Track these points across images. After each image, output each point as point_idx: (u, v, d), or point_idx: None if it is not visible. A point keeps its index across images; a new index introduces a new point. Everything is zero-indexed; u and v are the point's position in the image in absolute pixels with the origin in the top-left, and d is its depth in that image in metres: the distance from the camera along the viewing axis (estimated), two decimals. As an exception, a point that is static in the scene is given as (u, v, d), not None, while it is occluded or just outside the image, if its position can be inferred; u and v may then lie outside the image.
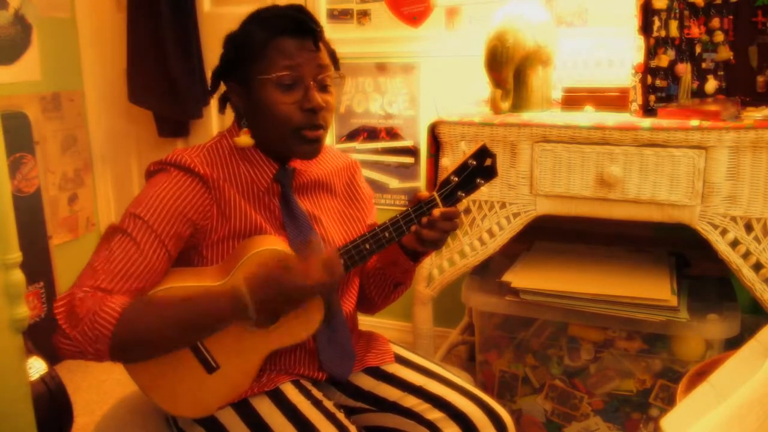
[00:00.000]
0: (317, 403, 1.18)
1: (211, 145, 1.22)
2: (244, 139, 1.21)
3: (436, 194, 1.16)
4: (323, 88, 1.19)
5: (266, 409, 1.17)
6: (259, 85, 1.16)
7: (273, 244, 1.16)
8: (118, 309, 1.04)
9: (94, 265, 1.08)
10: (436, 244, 1.19)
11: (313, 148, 1.20)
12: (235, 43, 1.20)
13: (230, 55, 1.20)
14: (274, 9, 1.20)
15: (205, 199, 1.15)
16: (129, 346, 1.06)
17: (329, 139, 2.55)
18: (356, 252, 1.15)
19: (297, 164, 1.25)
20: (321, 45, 1.19)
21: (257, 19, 1.19)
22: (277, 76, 1.15)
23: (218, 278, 1.14)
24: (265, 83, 1.16)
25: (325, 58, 1.19)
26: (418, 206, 1.16)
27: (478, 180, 1.16)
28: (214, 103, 1.87)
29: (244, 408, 1.17)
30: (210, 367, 1.15)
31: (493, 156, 1.16)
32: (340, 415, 1.18)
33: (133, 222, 1.11)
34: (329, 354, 1.26)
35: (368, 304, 1.40)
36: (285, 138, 1.18)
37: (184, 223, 1.13)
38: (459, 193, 1.16)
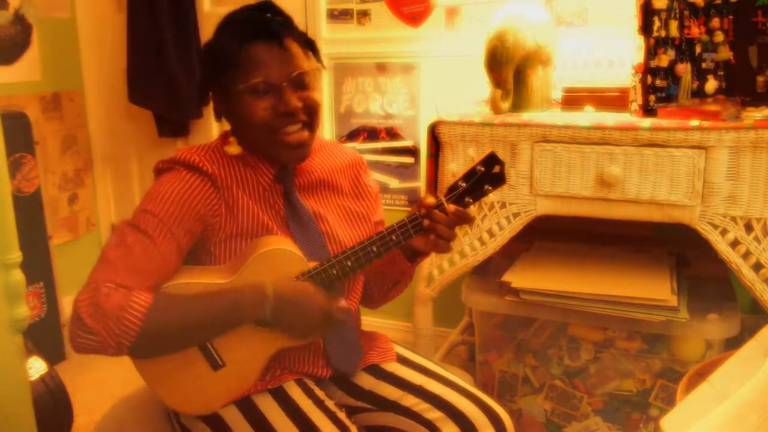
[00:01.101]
0: (319, 403, 1.19)
1: (215, 145, 1.23)
2: (233, 147, 1.22)
3: (443, 199, 1.16)
4: (301, 86, 1.18)
5: (269, 407, 1.17)
6: (236, 95, 1.17)
7: (281, 244, 1.17)
8: (146, 305, 1.05)
9: (111, 261, 1.09)
10: (444, 240, 1.18)
11: (298, 153, 1.20)
12: (209, 55, 1.20)
13: (207, 67, 1.21)
14: (241, 13, 1.20)
15: (214, 197, 1.16)
16: (152, 342, 1.08)
17: (330, 137, 2.54)
18: (363, 254, 1.16)
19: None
20: (290, 43, 1.17)
21: (227, 26, 1.19)
22: (249, 85, 1.15)
23: (226, 276, 1.15)
24: (240, 93, 1.16)
25: (298, 55, 1.18)
26: (427, 210, 1.16)
27: (486, 187, 1.16)
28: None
29: (247, 406, 1.18)
30: (216, 365, 1.16)
31: (501, 163, 1.16)
32: (342, 415, 1.18)
33: (146, 218, 1.12)
34: (337, 350, 1.26)
35: (368, 298, 1.42)
36: (268, 144, 1.19)
37: (195, 220, 1.14)
38: (467, 199, 1.16)
